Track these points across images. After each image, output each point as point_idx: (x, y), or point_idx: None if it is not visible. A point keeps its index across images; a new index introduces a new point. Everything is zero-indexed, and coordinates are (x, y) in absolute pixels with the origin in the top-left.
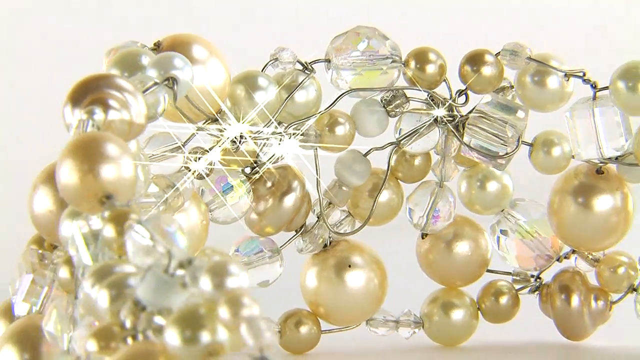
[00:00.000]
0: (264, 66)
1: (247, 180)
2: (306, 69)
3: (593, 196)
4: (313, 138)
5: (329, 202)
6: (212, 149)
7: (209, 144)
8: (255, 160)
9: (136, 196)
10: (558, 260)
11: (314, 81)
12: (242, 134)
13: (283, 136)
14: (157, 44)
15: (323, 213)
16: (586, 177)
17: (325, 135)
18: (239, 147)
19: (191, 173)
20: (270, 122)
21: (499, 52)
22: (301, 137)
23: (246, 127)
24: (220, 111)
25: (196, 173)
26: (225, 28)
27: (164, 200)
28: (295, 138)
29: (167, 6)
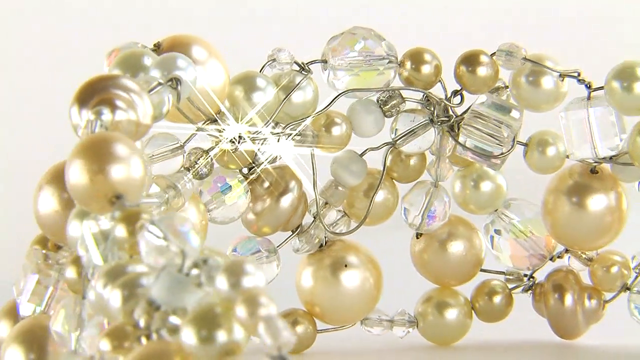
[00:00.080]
0: (262, 67)
1: (245, 180)
2: (303, 70)
3: (587, 196)
4: (310, 138)
5: (325, 202)
6: (212, 150)
7: (208, 145)
8: (253, 160)
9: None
10: (551, 259)
11: (311, 82)
12: (241, 135)
13: (281, 136)
14: (157, 45)
15: (320, 213)
16: (580, 177)
17: (322, 135)
18: (238, 148)
19: (191, 173)
20: (268, 123)
21: (494, 53)
22: (298, 138)
23: (245, 128)
24: (219, 112)
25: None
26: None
27: (165, 200)
28: (292, 138)
29: (164, 7)
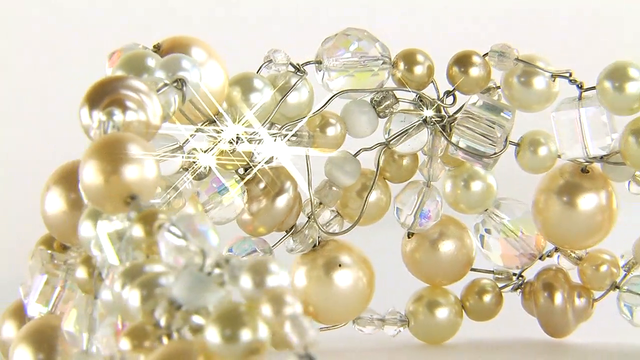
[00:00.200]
0: (259, 68)
1: (241, 180)
2: (298, 71)
3: (578, 195)
4: (306, 139)
5: (319, 202)
6: (210, 150)
7: (206, 145)
8: (249, 161)
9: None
10: (541, 258)
11: (307, 82)
12: (239, 135)
13: (278, 137)
14: (157, 46)
15: (314, 213)
16: (571, 176)
17: (316, 136)
18: (236, 148)
19: (189, 173)
20: (265, 124)
21: (487, 53)
22: (295, 138)
23: (242, 129)
24: (218, 113)
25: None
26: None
27: (167, 201)
28: (289, 139)
29: (160, 8)
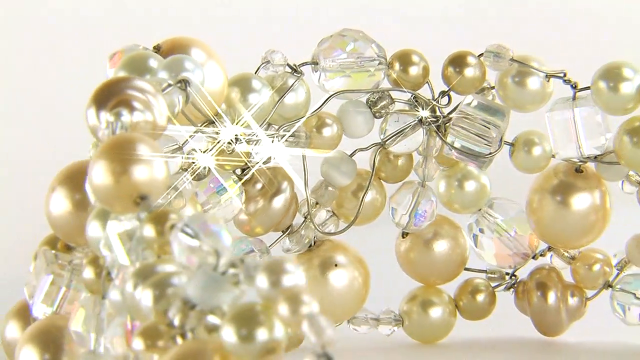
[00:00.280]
0: (257, 69)
1: (239, 181)
2: (295, 72)
3: (572, 194)
4: (304, 139)
5: (316, 203)
6: (209, 151)
7: (204, 146)
8: (247, 161)
9: None
10: (534, 257)
11: (303, 83)
12: (237, 136)
13: (275, 138)
14: (157, 47)
15: (311, 213)
16: (565, 176)
17: (313, 136)
18: (235, 149)
19: (189, 173)
20: (263, 124)
21: (482, 54)
22: (292, 139)
23: (240, 129)
24: (217, 113)
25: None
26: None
27: (168, 201)
28: (286, 139)
29: (156, 9)
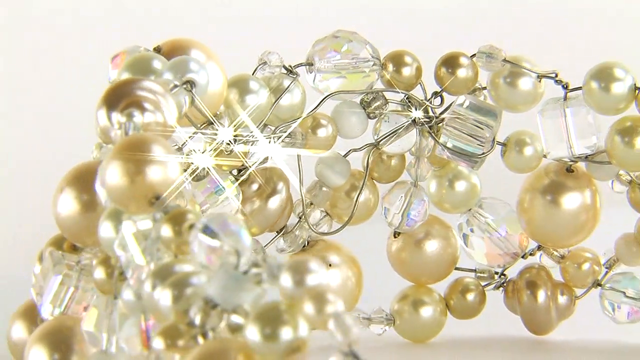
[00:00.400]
0: (254, 70)
1: (236, 181)
2: (291, 73)
3: (563, 194)
4: (300, 140)
5: (310, 203)
6: (208, 151)
7: (202, 146)
8: (244, 162)
9: None
10: (523, 257)
11: (299, 84)
12: (236, 137)
13: (272, 138)
14: (157, 49)
15: (305, 214)
16: (556, 175)
17: (308, 137)
18: (233, 150)
19: (188, 173)
20: (260, 125)
21: (474, 55)
22: (288, 139)
23: (239, 130)
24: (217, 114)
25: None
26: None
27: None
28: (282, 140)
29: (152, 9)
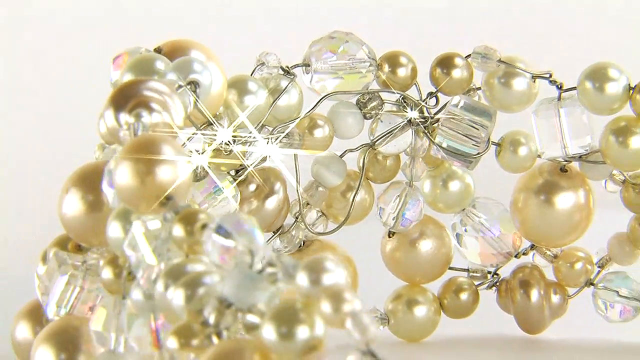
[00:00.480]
0: (252, 71)
1: (234, 181)
2: (288, 74)
3: (556, 194)
4: (297, 140)
5: (306, 203)
6: (207, 152)
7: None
8: (242, 162)
9: None
10: (516, 256)
11: (296, 85)
12: (235, 137)
13: (270, 139)
14: (158, 50)
15: (302, 214)
16: (550, 175)
17: (305, 137)
18: (232, 150)
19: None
20: (259, 126)
21: (469, 55)
22: (285, 140)
23: (238, 131)
24: (216, 115)
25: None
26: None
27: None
28: (280, 140)
29: (150, 10)
